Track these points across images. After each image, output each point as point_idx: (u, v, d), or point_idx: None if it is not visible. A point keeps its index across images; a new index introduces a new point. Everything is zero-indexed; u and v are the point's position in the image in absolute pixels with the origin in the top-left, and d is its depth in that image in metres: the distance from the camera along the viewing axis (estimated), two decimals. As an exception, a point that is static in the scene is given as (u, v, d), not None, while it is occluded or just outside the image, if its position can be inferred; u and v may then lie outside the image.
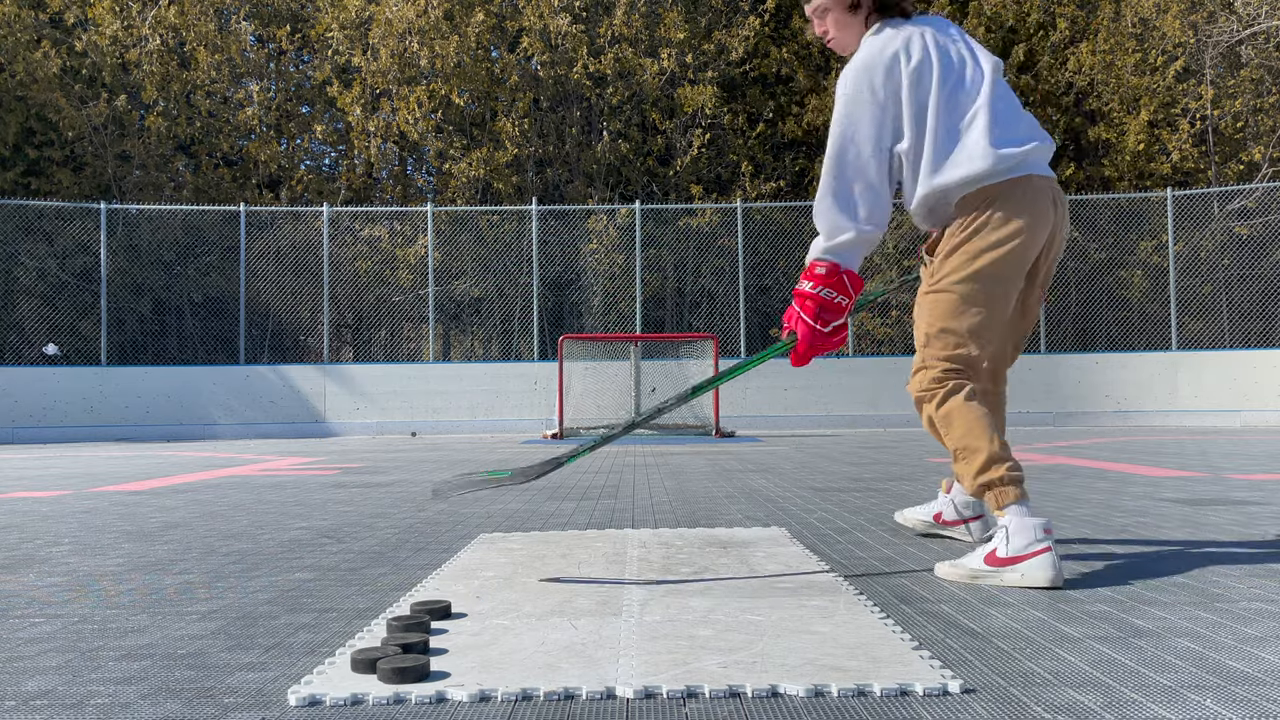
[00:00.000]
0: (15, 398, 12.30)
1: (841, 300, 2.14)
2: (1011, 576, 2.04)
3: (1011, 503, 2.07)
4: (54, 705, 1.35)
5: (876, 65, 2.18)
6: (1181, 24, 15.16)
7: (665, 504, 3.80)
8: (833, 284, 2.14)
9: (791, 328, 2.18)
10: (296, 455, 8.00)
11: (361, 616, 1.87)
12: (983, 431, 2.13)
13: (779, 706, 1.29)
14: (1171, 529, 2.93)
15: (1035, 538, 2.03)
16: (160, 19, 15.41)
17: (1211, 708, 1.26)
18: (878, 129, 2.16)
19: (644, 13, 15.70)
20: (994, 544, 2.09)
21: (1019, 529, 2.05)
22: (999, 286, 2.18)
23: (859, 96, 2.18)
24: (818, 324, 2.14)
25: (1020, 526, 2.05)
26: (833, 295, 2.14)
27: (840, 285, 2.14)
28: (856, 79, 2.19)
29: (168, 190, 15.50)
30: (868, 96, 2.17)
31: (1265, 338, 13.37)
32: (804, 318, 2.15)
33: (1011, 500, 2.07)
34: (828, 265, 2.15)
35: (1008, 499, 2.08)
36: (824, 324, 2.14)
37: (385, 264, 14.57)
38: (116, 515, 3.69)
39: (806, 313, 2.15)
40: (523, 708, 1.30)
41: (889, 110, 2.17)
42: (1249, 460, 5.92)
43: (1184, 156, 15.27)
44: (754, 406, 12.88)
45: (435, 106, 15.47)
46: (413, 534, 3.02)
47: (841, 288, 2.14)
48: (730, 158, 16.10)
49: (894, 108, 2.17)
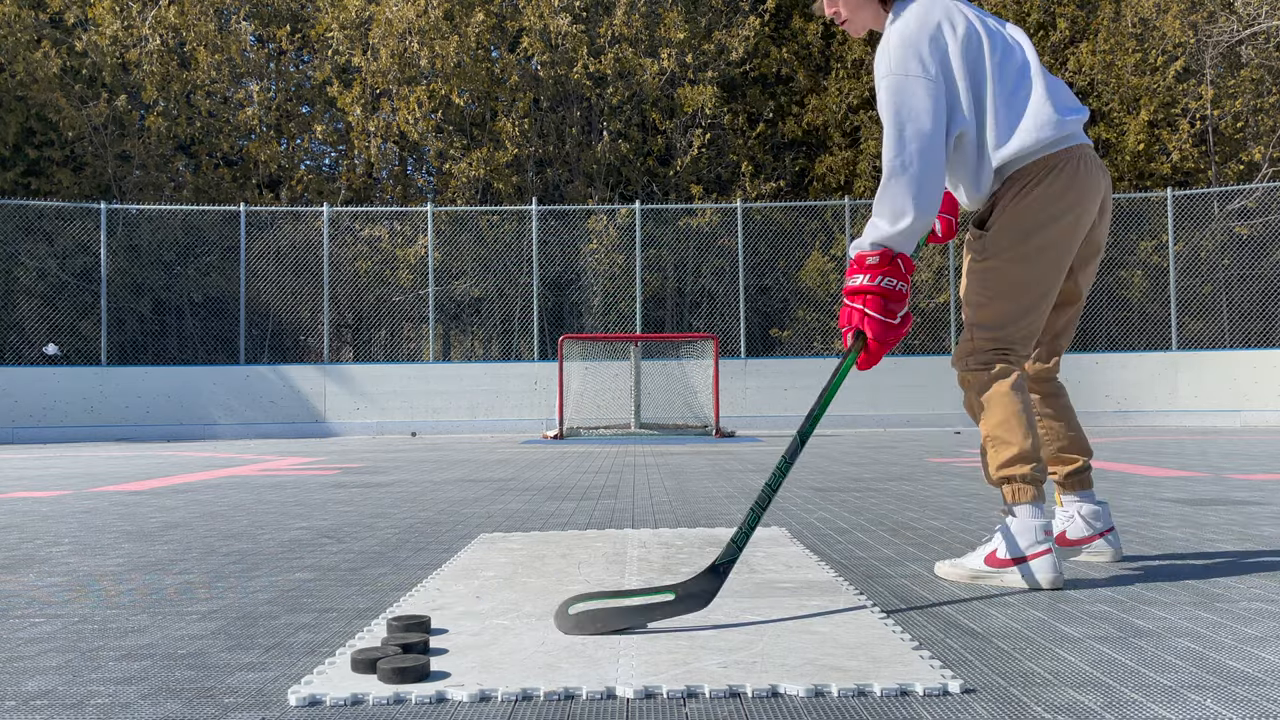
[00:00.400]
0: (15, 398, 12.30)
1: (902, 287, 2.00)
2: (1012, 578, 2.04)
3: (1027, 502, 2.06)
4: (54, 705, 1.35)
5: (921, 37, 2.05)
6: (1181, 24, 15.16)
7: (665, 504, 3.80)
8: (890, 271, 2.00)
9: (856, 327, 2.00)
10: (296, 455, 8.00)
11: (361, 616, 1.87)
12: (1019, 425, 2.08)
13: (779, 706, 1.29)
14: (1171, 529, 2.93)
15: (1036, 539, 2.03)
16: (160, 19, 15.41)
17: (1211, 708, 1.26)
18: (935, 103, 2.02)
19: (644, 13, 15.70)
20: (994, 544, 2.09)
21: (1021, 529, 2.04)
22: (1055, 260, 2.10)
23: (907, 72, 2.03)
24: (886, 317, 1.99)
25: (1023, 527, 2.04)
26: (894, 284, 1.99)
27: (897, 271, 2.00)
28: (903, 54, 2.04)
29: (168, 190, 15.49)
30: (918, 70, 2.03)
31: (1265, 338, 13.37)
32: (870, 314, 1.99)
33: (1028, 500, 2.06)
34: (880, 253, 2.00)
35: (1025, 497, 2.06)
36: (892, 315, 1.99)
37: (385, 264, 14.57)
38: (116, 515, 3.69)
39: (872, 308, 1.99)
40: (523, 708, 1.30)
41: (941, 84, 2.04)
42: (1249, 460, 5.92)
43: (1184, 156, 15.27)
44: (754, 406, 12.88)
45: (435, 106, 15.47)
46: (413, 534, 3.02)
47: (899, 274, 2.00)
48: (730, 158, 16.10)
49: (946, 80, 2.05)
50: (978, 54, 2.07)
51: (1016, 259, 2.09)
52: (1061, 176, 2.07)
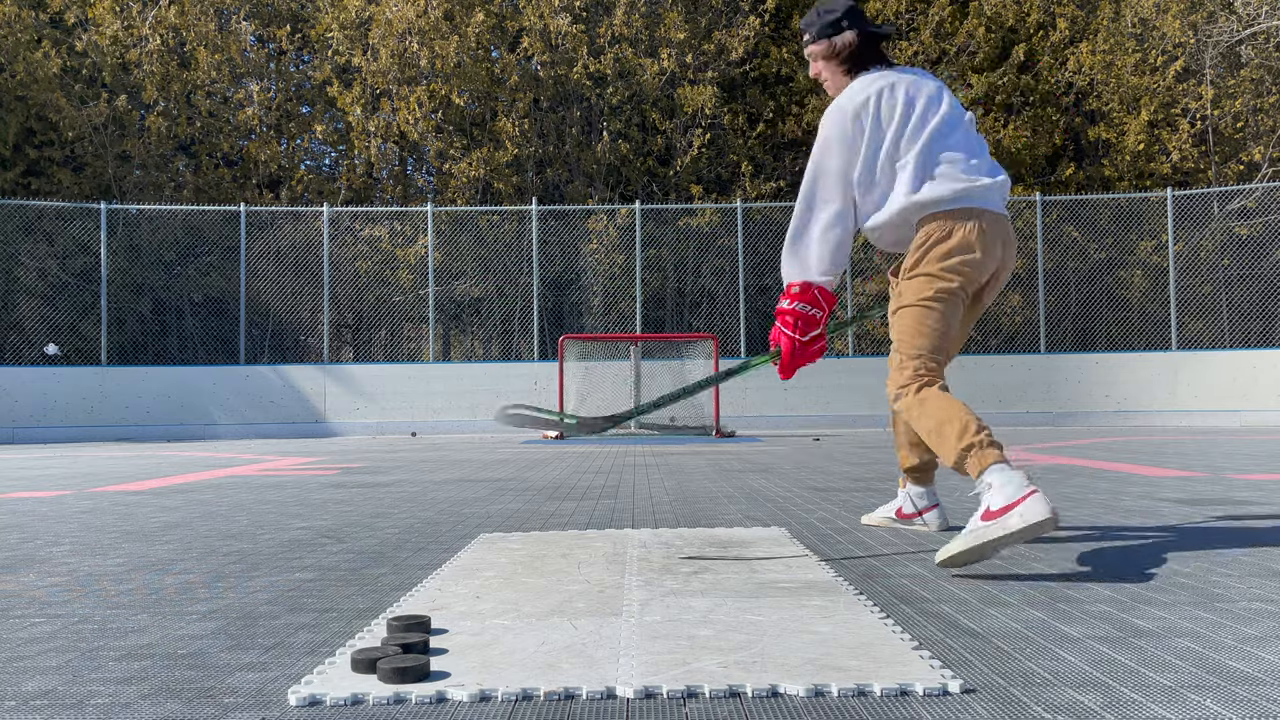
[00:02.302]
0: (15, 398, 12.30)
1: (816, 313, 2.44)
2: (1012, 521, 2.05)
3: (993, 463, 2.13)
4: (54, 705, 1.35)
5: (848, 108, 2.45)
6: (1181, 24, 15.16)
7: (665, 504, 3.80)
8: (808, 299, 2.44)
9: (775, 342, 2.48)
10: (296, 455, 8.00)
11: (361, 616, 1.87)
12: (957, 408, 2.28)
13: (779, 706, 1.29)
14: (1171, 529, 2.93)
15: (1021, 484, 2.08)
16: (160, 19, 15.41)
17: (1211, 708, 1.26)
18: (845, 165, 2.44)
19: (644, 13, 15.69)
20: (984, 504, 2.12)
21: (1003, 481, 2.09)
22: (951, 304, 2.43)
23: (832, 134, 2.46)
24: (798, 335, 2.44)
25: (1004, 479, 2.10)
26: (808, 309, 2.44)
27: (814, 300, 2.44)
28: (831, 119, 2.47)
29: (168, 190, 15.49)
30: (837, 134, 2.45)
31: (1265, 338, 13.37)
32: (785, 331, 2.46)
33: (993, 461, 2.14)
34: (801, 284, 2.45)
35: (989, 460, 2.15)
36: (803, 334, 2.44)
37: (385, 264, 14.57)
38: (116, 515, 3.69)
39: (786, 326, 2.46)
40: (523, 708, 1.30)
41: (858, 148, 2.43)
42: (1249, 460, 5.92)
43: (1184, 156, 15.27)
44: (754, 406, 12.88)
45: (435, 106, 15.47)
46: (413, 534, 3.02)
47: (815, 302, 2.44)
48: (730, 158, 16.10)
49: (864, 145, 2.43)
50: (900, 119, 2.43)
51: (922, 303, 2.42)
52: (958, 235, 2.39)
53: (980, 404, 12.54)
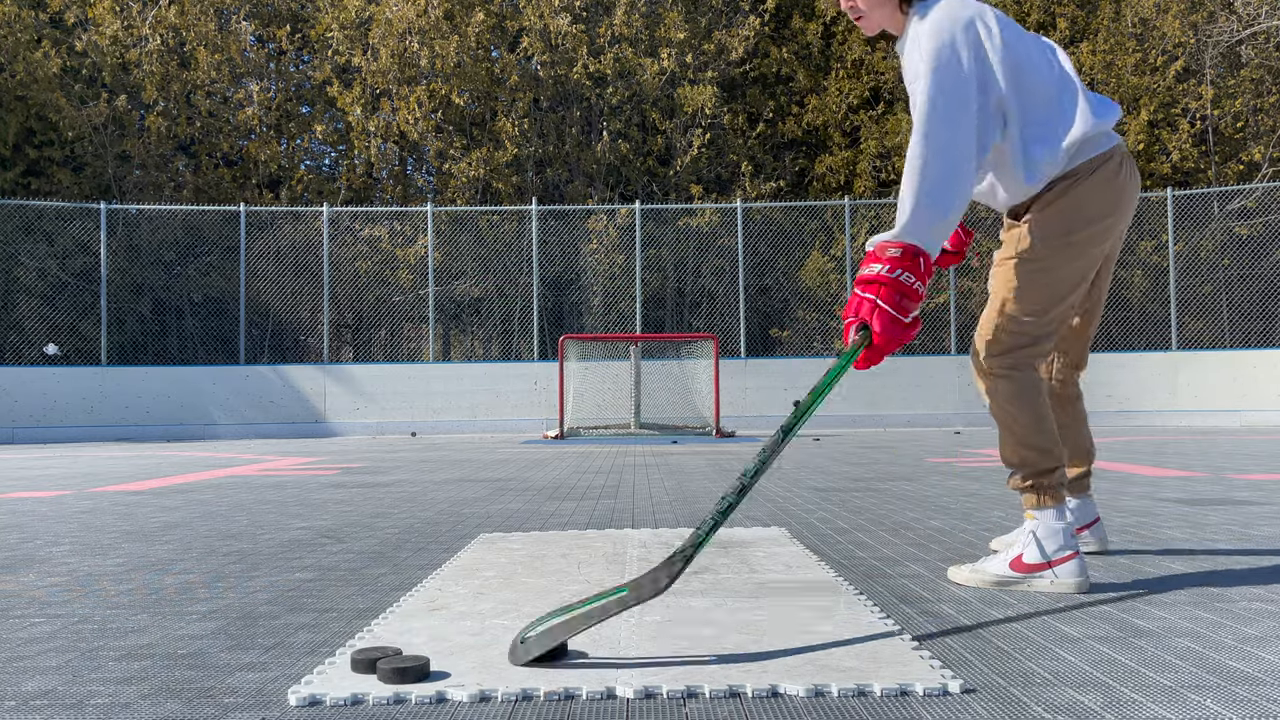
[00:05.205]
0: (15, 398, 12.29)
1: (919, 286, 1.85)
2: (1041, 583, 2.01)
3: (1051, 507, 2.04)
4: (54, 705, 1.35)
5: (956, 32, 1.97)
6: (1181, 24, 15.16)
7: (665, 504, 3.80)
8: (909, 267, 1.84)
9: (862, 319, 1.82)
10: (296, 455, 7.99)
11: (361, 616, 1.87)
12: (1045, 430, 2.06)
13: (779, 706, 1.29)
14: (1171, 529, 2.93)
15: (1064, 543, 2.02)
16: (160, 19, 15.41)
17: (1211, 708, 1.26)
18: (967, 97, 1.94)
19: (644, 13, 15.69)
20: (1018, 549, 2.05)
21: (1048, 534, 2.03)
22: (1090, 258, 2.08)
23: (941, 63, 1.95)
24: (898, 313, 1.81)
25: (1049, 531, 2.03)
26: (911, 280, 1.83)
27: (916, 269, 1.85)
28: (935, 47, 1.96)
29: (168, 190, 15.49)
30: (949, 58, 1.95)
31: (1265, 338, 13.37)
32: (882, 305, 1.81)
33: (1053, 504, 2.04)
34: (904, 246, 1.85)
35: (1050, 502, 2.04)
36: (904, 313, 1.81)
37: (385, 264, 14.57)
38: (116, 515, 3.69)
39: (885, 299, 1.81)
40: (523, 708, 1.30)
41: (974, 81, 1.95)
42: (1249, 460, 5.92)
43: (1184, 156, 15.27)
44: (754, 406, 12.88)
45: (435, 106, 15.47)
46: (413, 534, 3.02)
47: (918, 272, 1.85)
48: (730, 158, 16.10)
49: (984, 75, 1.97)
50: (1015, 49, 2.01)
51: (1054, 253, 2.04)
52: (1106, 174, 2.04)
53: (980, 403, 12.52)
